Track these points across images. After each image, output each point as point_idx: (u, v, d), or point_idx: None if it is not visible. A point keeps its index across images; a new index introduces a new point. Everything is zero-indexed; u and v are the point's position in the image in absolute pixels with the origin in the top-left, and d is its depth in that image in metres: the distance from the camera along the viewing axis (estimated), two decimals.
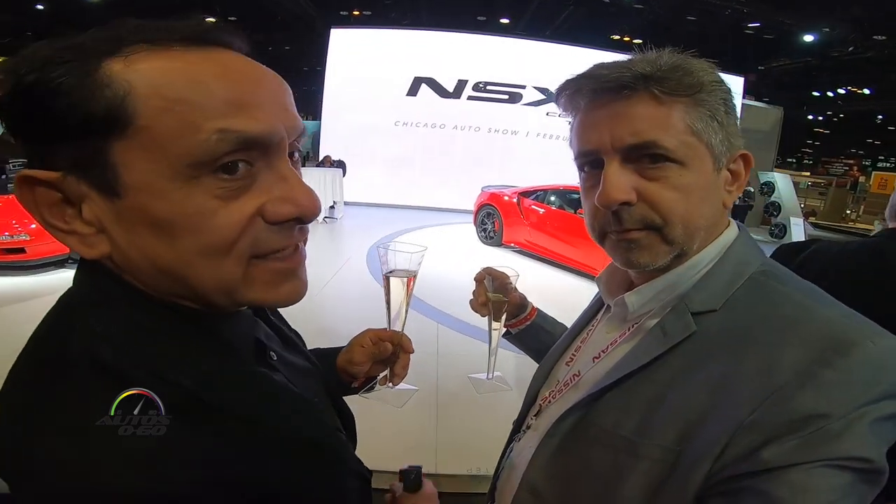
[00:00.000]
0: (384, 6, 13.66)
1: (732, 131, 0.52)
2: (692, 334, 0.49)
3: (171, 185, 0.36)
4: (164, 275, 0.39)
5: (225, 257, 0.38)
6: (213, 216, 0.37)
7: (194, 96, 0.36)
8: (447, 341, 3.37)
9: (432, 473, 2.07)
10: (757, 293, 0.49)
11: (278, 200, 0.40)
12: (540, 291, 4.83)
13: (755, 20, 11.87)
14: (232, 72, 0.38)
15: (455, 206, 9.87)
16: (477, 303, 0.85)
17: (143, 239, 0.38)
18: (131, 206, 0.37)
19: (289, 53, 17.90)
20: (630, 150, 0.50)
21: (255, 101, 0.38)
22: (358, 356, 0.72)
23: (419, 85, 10.46)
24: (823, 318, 0.45)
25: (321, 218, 7.91)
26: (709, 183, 0.51)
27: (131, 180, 0.36)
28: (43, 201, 0.37)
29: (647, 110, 0.49)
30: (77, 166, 0.36)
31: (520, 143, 10.48)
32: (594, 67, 0.52)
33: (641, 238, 0.51)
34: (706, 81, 0.50)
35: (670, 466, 0.45)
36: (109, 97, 0.35)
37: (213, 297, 0.40)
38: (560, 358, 0.69)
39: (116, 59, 0.36)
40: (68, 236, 0.38)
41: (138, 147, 0.35)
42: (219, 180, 0.37)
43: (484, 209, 7.18)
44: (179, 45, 0.37)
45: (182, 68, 0.36)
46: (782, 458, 0.39)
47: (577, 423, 0.55)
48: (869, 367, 0.41)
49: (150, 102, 0.35)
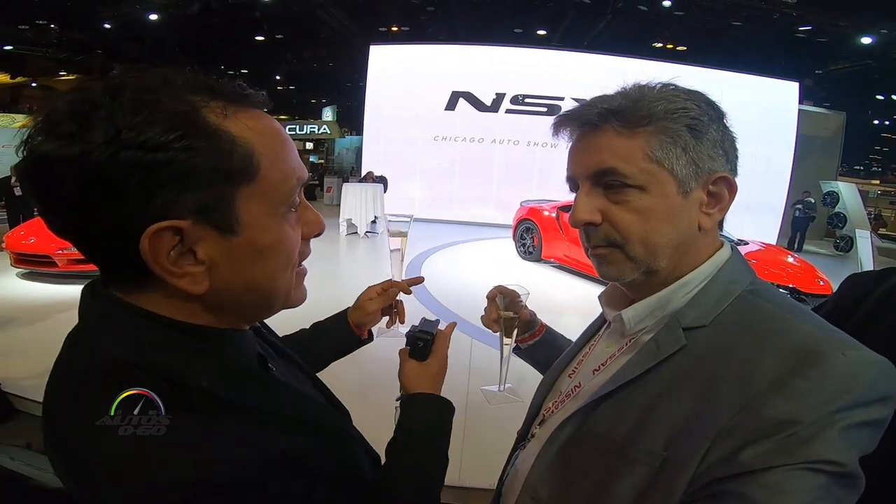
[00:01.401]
0: (421, 22, 13.95)
1: (702, 155, 0.55)
2: (682, 348, 0.53)
3: (272, 220, 0.47)
4: (252, 291, 0.48)
5: (291, 269, 0.51)
6: (289, 238, 0.49)
7: (283, 150, 0.47)
8: (479, 355, 3.40)
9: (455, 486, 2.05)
10: (742, 310, 0.53)
11: (312, 223, 0.54)
12: (578, 308, 4.79)
13: (806, 24, 11.32)
14: (283, 131, 0.49)
15: (494, 221, 9.89)
16: (489, 319, 0.91)
17: (246, 264, 0.46)
18: (244, 241, 0.45)
19: (332, 70, 18.58)
20: (594, 176, 0.57)
21: (294, 151, 0.50)
22: (372, 306, 0.88)
23: (457, 99, 10.61)
24: (799, 330, 0.48)
25: (363, 232, 8.11)
26: (671, 205, 0.55)
27: (248, 219, 0.45)
28: (163, 248, 0.41)
29: (608, 142, 0.56)
30: (202, 212, 0.42)
31: (559, 155, 10.18)
32: (578, 105, 0.59)
33: (607, 254, 0.58)
34: (668, 110, 0.54)
35: (657, 470, 0.48)
36: (241, 154, 0.43)
37: (276, 303, 0.51)
38: (563, 370, 0.73)
39: (212, 115, 0.42)
40: (180, 279, 0.43)
41: (258, 192, 0.45)
42: (291, 214, 0.49)
43: (523, 224, 7.13)
44: (249, 106, 0.46)
45: (272, 130, 0.47)
46: (759, 461, 0.42)
47: (575, 431, 0.58)
48: (839, 377, 0.43)
49: (265, 157, 0.45)
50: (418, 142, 10.67)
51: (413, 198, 10.44)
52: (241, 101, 0.45)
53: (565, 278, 6.12)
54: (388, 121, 10.71)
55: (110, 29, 13.20)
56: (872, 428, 0.43)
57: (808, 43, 12.18)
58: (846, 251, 9.97)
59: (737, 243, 5.69)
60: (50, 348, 0.50)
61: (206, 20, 12.52)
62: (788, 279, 4.77)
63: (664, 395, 0.51)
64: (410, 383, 0.71)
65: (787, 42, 12.11)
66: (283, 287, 0.51)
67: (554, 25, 13.65)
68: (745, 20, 11.37)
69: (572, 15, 12.60)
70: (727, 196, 0.57)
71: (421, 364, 0.72)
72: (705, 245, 0.58)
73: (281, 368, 0.62)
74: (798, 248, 10.08)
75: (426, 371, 0.72)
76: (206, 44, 15.47)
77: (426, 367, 0.72)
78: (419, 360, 0.72)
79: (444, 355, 0.75)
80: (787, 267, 5.20)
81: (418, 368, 0.72)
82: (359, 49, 12.13)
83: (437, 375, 0.73)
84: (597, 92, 0.59)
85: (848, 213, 10.20)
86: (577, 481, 0.55)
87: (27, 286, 4.82)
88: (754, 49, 12.09)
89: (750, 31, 11.75)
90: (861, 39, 11.44)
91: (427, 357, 0.72)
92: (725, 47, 12.31)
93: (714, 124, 0.55)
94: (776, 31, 11.64)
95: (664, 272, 0.57)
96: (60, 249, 4.76)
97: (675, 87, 0.56)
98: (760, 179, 10.07)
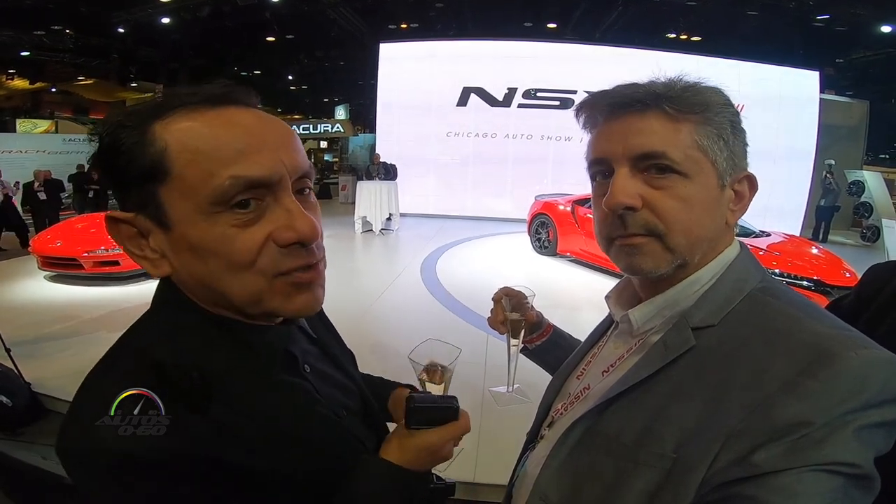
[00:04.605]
0: (430, 18, 13.89)
1: (738, 152, 0.55)
2: (692, 348, 0.52)
3: (199, 217, 0.46)
4: (204, 288, 0.49)
5: (247, 272, 0.47)
6: (233, 241, 0.47)
7: (210, 149, 0.46)
8: (496, 352, 3.37)
9: (469, 482, 2.06)
10: (753, 309, 0.52)
11: (283, 228, 0.48)
12: (595, 303, 4.70)
13: (823, 12, 11.00)
14: (238, 125, 0.47)
15: (509, 216, 9.84)
16: (495, 321, 0.90)
17: (187, 260, 0.48)
18: (177, 236, 0.47)
19: (344, 68, 18.63)
20: (639, 158, 0.54)
21: (257, 148, 0.47)
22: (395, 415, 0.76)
23: (468, 95, 10.56)
24: (811, 330, 0.47)
25: (378, 230, 8.16)
26: (712, 197, 0.54)
27: (175, 216, 0.47)
28: (124, 234, 0.49)
29: (658, 124, 0.53)
30: (141, 206, 0.48)
31: (574, 148, 10.26)
32: (613, 87, 0.56)
33: (644, 244, 0.54)
34: (715, 102, 0.54)
35: (667, 473, 0.47)
36: (153, 153, 0.45)
37: (244, 306, 0.50)
38: (572, 372, 0.72)
39: (159, 122, 0.46)
40: (142, 260, 0.50)
41: (176, 190, 0.46)
42: (235, 214, 0.46)
43: (538, 218, 7.09)
44: (202, 105, 0.47)
45: (200, 126, 0.46)
46: (771, 464, 0.41)
47: (585, 433, 0.58)
48: (851, 378, 0.42)
49: (181, 156, 0.45)
50: (431, 138, 10.65)
51: (427, 194, 10.46)
52: (203, 104, 0.48)
53: (582, 273, 6.06)
54: (401, 118, 10.71)
55: (125, 33, 13.42)
56: (887, 428, 0.43)
57: (827, 32, 11.82)
58: (873, 241, 9.66)
59: (759, 235, 5.58)
60: (78, 349, 0.53)
61: (218, 23, 12.66)
62: (813, 271, 4.64)
63: (674, 396, 0.50)
64: (388, 444, 0.59)
65: (804, 31, 11.78)
66: (241, 291, 0.48)
67: (565, 18, 13.47)
68: (761, 9, 11.08)
69: (583, 7, 12.43)
70: (748, 195, 0.57)
71: (413, 432, 0.58)
72: (724, 242, 0.57)
73: (319, 371, 0.61)
74: (823, 238, 9.78)
75: (410, 445, 0.57)
76: (219, 46, 15.66)
77: (413, 441, 0.57)
78: (410, 426, 0.57)
79: (439, 443, 0.58)
80: (812, 258, 5.05)
81: (405, 439, 0.58)
82: (369, 47, 12.14)
83: (418, 451, 0.57)
84: (609, 85, 0.58)
85: (874, 203, 9.92)
86: (587, 484, 0.55)
87: (55, 288, 4.96)
88: (771, 39, 11.76)
89: (766, 20, 11.44)
90: (881, 28, 11.09)
91: (421, 424, 0.57)
92: (741, 37, 12.00)
93: (741, 123, 0.56)
94: (793, 21, 11.32)
95: (692, 267, 0.56)
96: (86, 252, 4.90)
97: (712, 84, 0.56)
98: (783, 170, 9.85)
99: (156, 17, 12.60)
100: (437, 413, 0.58)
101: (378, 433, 0.68)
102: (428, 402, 0.59)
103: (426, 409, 0.58)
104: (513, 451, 0.77)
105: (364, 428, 0.65)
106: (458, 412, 0.59)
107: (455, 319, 4.28)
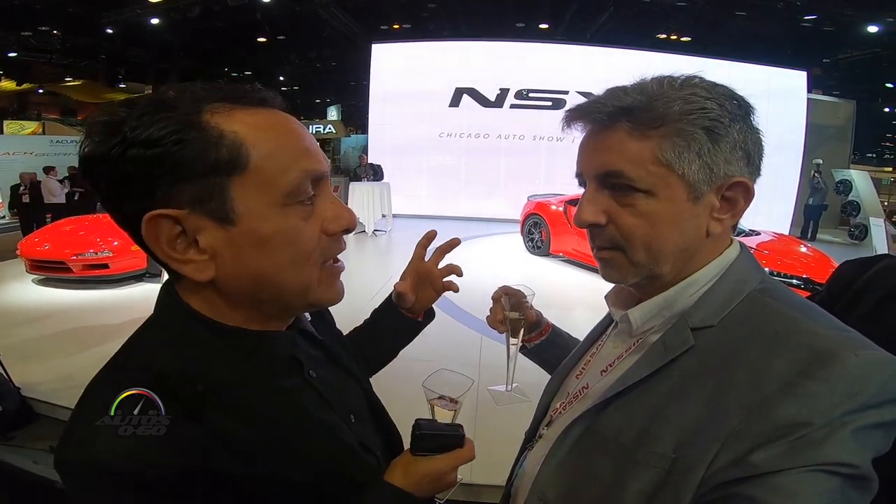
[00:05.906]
0: (423, 19, 13.88)
1: (718, 159, 0.52)
2: (690, 348, 0.52)
3: (272, 210, 0.47)
4: (260, 284, 0.49)
5: (306, 263, 0.50)
6: (302, 232, 0.49)
7: (284, 144, 0.48)
8: (491, 352, 3.39)
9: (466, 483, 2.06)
10: (752, 310, 0.52)
11: (333, 218, 0.52)
12: (588, 302, 4.77)
13: (811, 13, 11.14)
14: (293, 126, 0.50)
15: (501, 216, 9.85)
16: (494, 319, 0.89)
17: (248, 255, 0.48)
18: (242, 230, 0.47)
19: (336, 69, 18.54)
20: (601, 177, 0.55)
21: (310, 147, 0.51)
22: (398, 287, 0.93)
23: (461, 96, 10.57)
24: (809, 331, 0.47)
25: (371, 231, 8.13)
26: (679, 211, 0.53)
27: (243, 209, 0.46)
28: (165, 235, 0.46)
29: (618, 142, 0.53)
30: (198, 202, 0.45)
31: (566, 149, 10.29)
32: (593, 97, 0.56)
33: (612, 258, 0.57)
34: (684, 111, 0.51)
35: (666, 473, 0.47)
36: (228, 145, 0.45)
37: (294, 298, 0.51)
38: (571, 371, 0.72)
39: (217, 116, 0.45)
40: (182, 265, 0.47)
41: (250, 183, 0.46)
42: (301, 206, 0.49)
43: (531, 218, 7.11)
44: (255, 105, 0.48)
45: (271, 124, 0.48)
46: (770, 464, 0.41)
47: (584, 432, 0.58)
48: (851, 379, 0.42)
49: (259, 149, 0.46)
50: (424, 139, 10.64)
51: (420, 195, 10.43)
52: (250, 103, 0.48)
53: (574, 272, 6.09)
54: (393, 119, 10.70)
55: (113, 34, 13.26)
56: (885, 429, 0.43)
57: (815, 32, 11.99)
58: (861, 239, 9.80)
59: (748, 234, 5.64)
60: (67, 353, 0.52)
61: (209, 23, 12.56)
62: (802, 269, 4.71)
63: (673, 396, 0.50)
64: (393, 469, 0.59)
65: (792, 31, 11.92)
66: (297, 282, 0.50)
67: (556, 19, 13.53)
68: (750, 9, 11.20)
69: (574, 8, 12.49)
70: (742, 202, 0.54)
71: (418, 458, 0.59)
72: (713, 248, 0.56)
73: (325, 376, 0.60)
74: (811, 237, 9.92)
75: (415, 471, 0.58)
76: (210, 47, 15.53)
77: (417, 467, 0.58)
78: (416, 453, 0.59)
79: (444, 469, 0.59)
80: (801, 257, 5.12)
81: (410, 464, 0.59)
82: (361, 47, 12.13)
83: (423, 476, 0.58)
84: (601, 85, 0.58)
85: (861, 201, 10.04)
86: (586, 483, 0.55)
87: (44, 292, 4.89)
88: (760, 39, 11.90)
89: (755, 20, 11.57)
90: (868, 28, 11.26)
91: (427, 451, 0.59)
92: (730, 37, 12.13)
93: (737, 124, 0.52)
94: (781, 21, 11.45)
95: (667, 276, 0.56)
96: (75, 255, 4.83)
97: (699, 81, 0.53)
98: (771, 169, 9.82)
99: (145, 17, 12.46)
100: (443, 440, 0.60)
101: (386, 437, 0.68)
102: (434, 430, 0.61)
103: (432, 436, 0.59)
104: (511, 450, 0.77)
105: (372, 432, 0.66)
106: (463, 440, 0.60)
107: (449, 321, 4.29)
